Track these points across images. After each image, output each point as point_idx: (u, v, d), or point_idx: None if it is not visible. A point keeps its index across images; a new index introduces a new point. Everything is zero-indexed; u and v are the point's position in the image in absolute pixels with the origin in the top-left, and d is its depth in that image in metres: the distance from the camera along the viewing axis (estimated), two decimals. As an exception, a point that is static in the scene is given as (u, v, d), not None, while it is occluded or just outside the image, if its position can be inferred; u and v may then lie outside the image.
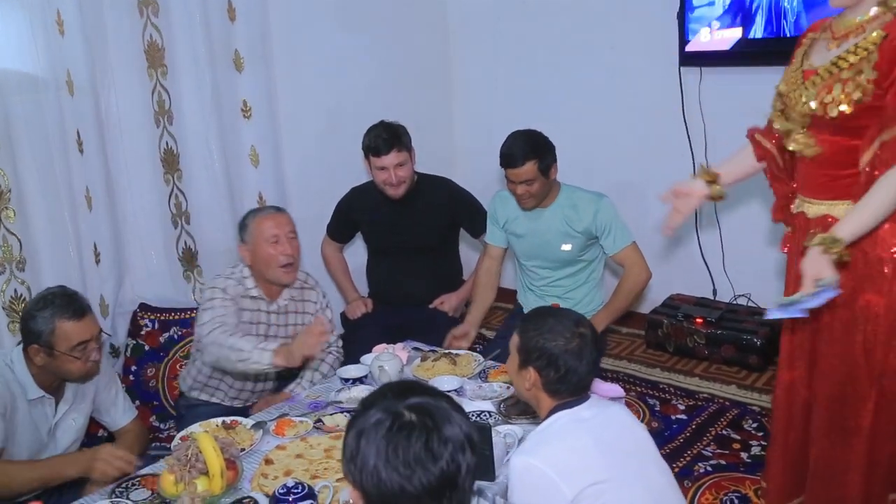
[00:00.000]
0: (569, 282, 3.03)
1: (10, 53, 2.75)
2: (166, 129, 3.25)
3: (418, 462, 1.20)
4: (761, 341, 3.45)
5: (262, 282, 2.67)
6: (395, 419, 1.23)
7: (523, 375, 1.82)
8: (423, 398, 1.28)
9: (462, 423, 1.27)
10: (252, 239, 2.62)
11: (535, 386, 1.80)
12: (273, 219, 2.63)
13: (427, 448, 1.21)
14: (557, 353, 1.76)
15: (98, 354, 2.27)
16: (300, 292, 2.78)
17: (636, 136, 3.94)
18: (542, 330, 1.80)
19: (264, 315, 2.69)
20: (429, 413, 1.25)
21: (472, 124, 4.55)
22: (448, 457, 1.22)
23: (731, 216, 3.73)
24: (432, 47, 4.43)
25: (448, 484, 1.22)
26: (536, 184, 2.84)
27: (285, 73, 3.62)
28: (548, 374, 1.78)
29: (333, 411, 2.41)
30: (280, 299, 2.71)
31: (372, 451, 1.22)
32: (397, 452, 1.20)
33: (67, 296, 2.26)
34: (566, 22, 4.05)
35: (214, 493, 1.86)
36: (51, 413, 2.31)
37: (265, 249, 2.60)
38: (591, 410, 1.78)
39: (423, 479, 1.20)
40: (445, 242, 3.38)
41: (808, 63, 1.98)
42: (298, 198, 3.77)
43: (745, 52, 3.42)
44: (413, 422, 1.23)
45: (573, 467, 1.64)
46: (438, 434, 1.22)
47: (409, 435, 1.21)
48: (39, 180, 2.88)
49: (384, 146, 3.07)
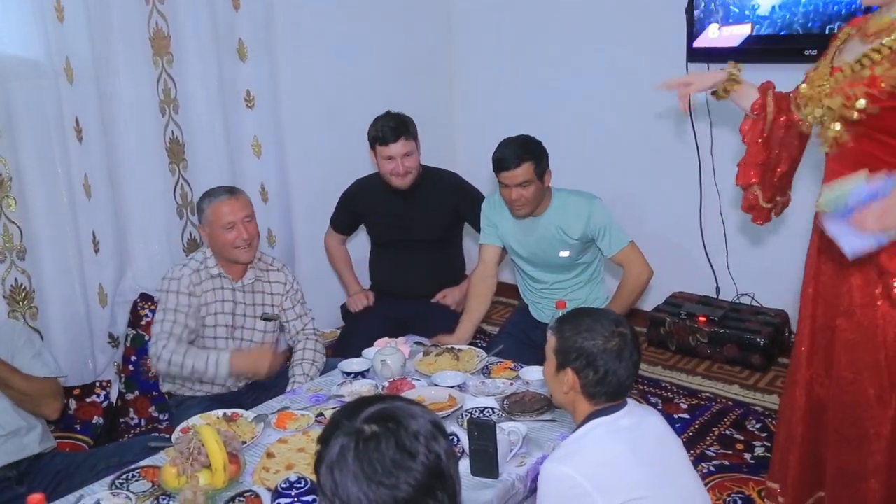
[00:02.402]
0: (569, 284, 2.99)
1: (9, 39, 2.72)
2: (172, 118, 3.22)
3: (398, 466, 1.17)
4: (765, 341, 3.43)
5: (223, 261, 2.66)
6: (358, 437, 1.19)
7: (561, 379, 1.76)
8: (376, 407, 1.24)
9: (424, 414, 1.25)
10: (209, 223, 2.61)
11: (573, 389, 1.74)
12: (228, 204, 2.59)
13: (400, 449, 1.18)
14: (596, 352, 1.70)
15: None
16: (265, 273, 2.76)
17: (640, 132, 3.92)
18: (580, 329, 1.73)
19: (229, 293, 2.67)
20: (388, 417, 1.22)
21: (473, 118, 4.52)
22: (424, 449, 1.19)
23: (736, 214, 3.70)
24: (435, 40, 4.41)
25: (434, 475, 1.19)
26: (532, 187, 2.76)
27: (288, 62, 3.60)
28: (586, 376, 1.71)
29: (335, 405, 2.39)
30: (245, 278, 2.70)
31: (349, 479, 1.17)
32: (374, 466, 1.17)
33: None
34: (571, 16, 4.02)
35: (217, 487, 1.84)
36: None
37: (222, 235, 2.58)
38: (629, 419, 1.72)
39: (410, 479, 1.17)
40: (449, 236, 3.36)
41: (839, 59, 1.95)
42: (300, 188, 3.76)
43: (755, 48, 3.39)
44: (376, 431, 1.19)
45: (610, 480, 1.59)
46: (406, 431, 1.20)
47: (377, 445, 1.18)
48: (39, 168, 2.85)
49: (391, 135, 3.05)
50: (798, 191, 3.28)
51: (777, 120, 2.09)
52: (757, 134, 2.14)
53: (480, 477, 1.93)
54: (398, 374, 2.52)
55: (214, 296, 2.65)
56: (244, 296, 2.70)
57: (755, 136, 2.14)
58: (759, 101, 2.13)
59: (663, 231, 3.87)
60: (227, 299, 2.67)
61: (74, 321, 3.02)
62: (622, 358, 1.71)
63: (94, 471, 2.28)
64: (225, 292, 2.67)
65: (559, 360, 1.76)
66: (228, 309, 2.67)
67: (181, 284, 2.58)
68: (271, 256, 2.85)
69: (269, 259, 2.81)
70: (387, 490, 1.16)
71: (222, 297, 2.66)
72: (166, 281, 2.61)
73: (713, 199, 3.74)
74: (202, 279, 2.63)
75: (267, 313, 2.74)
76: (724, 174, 3.65)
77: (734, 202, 3.67)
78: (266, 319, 2.74)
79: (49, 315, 2.96)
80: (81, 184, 2.98)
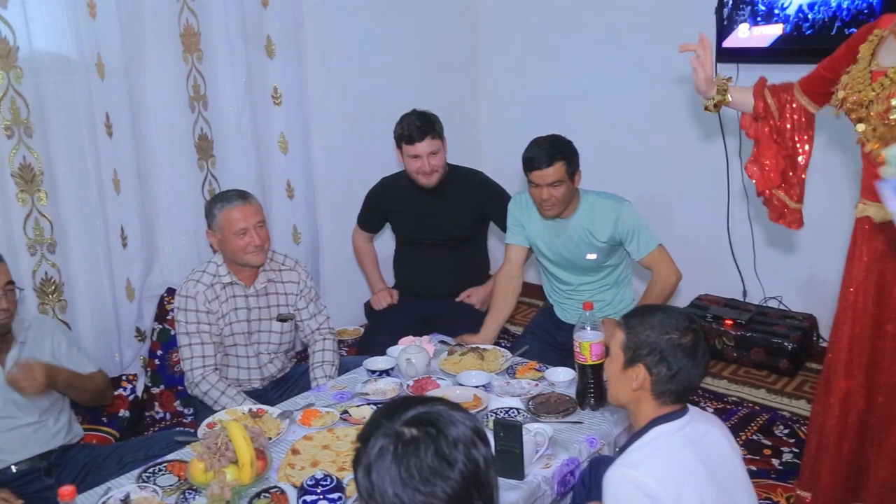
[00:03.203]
0: (596, 285, 2.96)
1: (42, 35, 2.75)
2: (201, 114, 3.24)
3: (435, 473, 1.16)
4: (793, 346, 3.39)
5: (235, 266, 2.63)
6: (398, 440, 1.18)
7: (629, 376, 1.68)
8: (417, 410, 1.23)
9: (465, 420, 1.23)
10: (220, 229, 2.57)
11: (642, 387, 1.68)
12: (241, 210, 2.54)
13: (439, 456, 1.17)
14: (670, 348, 1.64)
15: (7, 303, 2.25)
16: (278, 273, 2.73)
17: (669, 134, 3.88)
18: (652, 323, 1.66)
19: (242, 300, 2.65)
20: (428, 422, 1.21)
21: (499, 117, 4.51)
22: (463, 458, 1.18)
23: (764, 215, 3.66)
24: (462, 38, 4.40)
25: (472, 483, 1.18)
26: (563, 187, 2.72)
27: (316, 60, 3.61)
28: (658, 373, 1.65)
29: (359, 403, 2.39)
30: (257, 283, 2.67)
31: (386, 482, 1.17)
32: (411, 472, 1.16)
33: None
34: (599, 15, 4.00)
35: (243, 483, 1.85)
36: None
37: (234, 241, 2.55)
38: (692, 428, 1.66)
39: (447, 488, 1.16)
40: (474, 235, 3.35)
41: (875, 63, 1.91)
42: (326, 185, 3.77)
43: (786, 48, 3.35)
44: (416, 436, 1.18)
45: (684, 491, 1.53)
46: (445, 438, 1.18)
47: (416, 450, 1.17)
48: (69, 163, 2.88)
49: (418, 133, 3.04)
50: (831, 195, 3.26)
51: (783, 114, 2.07)
52: (769, 134, 2.11)
53: (506, 478, 1.92)
54: (423, 373, 2.51)
55: (229, 305, 2.64)
56: (258, 300, 2.68)
57: (769, 138, 2.11)
58: (760, 104, 2.11)
59: (690, 232, 3.83)
60: (241, 307, 2.65)
61: (102, 315, 3.05)
62: (696, 355, 1.65)
63: (121, 464, 2.31)
64: (238, 300, 2.65)
65: (628, 355, 1.68)
66: (243, 316, 2.66)
67: (198, 303, 2.57)
68: (283, 255, 2.79)
69: (280, 258, 2.76)
70: (423, 497, 1.16)
71: (236, 304, 2.65)
72: (182, 299, 2.59)
73: (741, 200, 3.71)
74: (217, 293, 2.61)
75: (283, 314, 2.73)
76: (753, 176, 3.61)
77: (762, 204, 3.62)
78: (282, 320, 2.73)
79: (77, 308, 2.99)
80: (111, 178, 3.01)
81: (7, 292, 2.25)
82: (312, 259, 3.75)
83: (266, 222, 2.65)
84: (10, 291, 2.26)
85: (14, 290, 2.27)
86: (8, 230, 2.76)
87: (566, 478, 2.02)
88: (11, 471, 2.30)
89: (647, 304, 1.83)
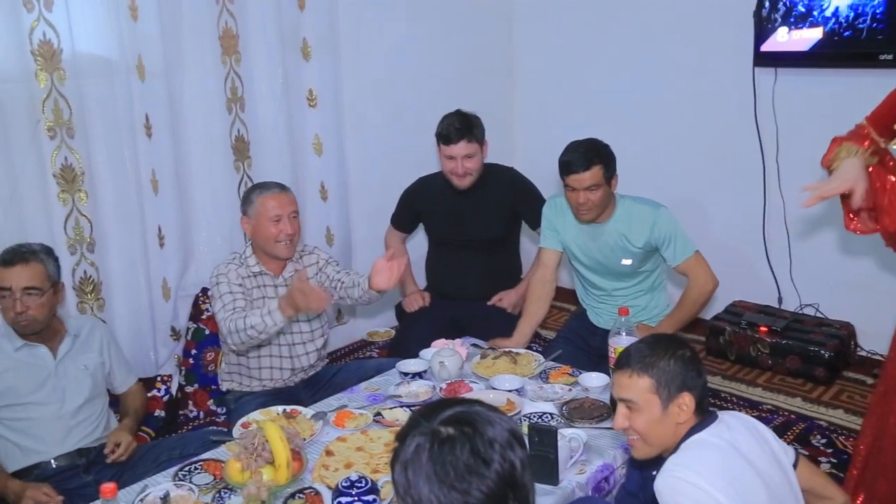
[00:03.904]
0: (631, 291, 2.93)
1: (85, 37, 2.79)
2: (238, 116, 3.26)
3: (471, 472, 1.16)
4: (829, 354, 3.34)
5: (264, 256, 2.70)
6: (434, 438, 1.19)
7: (673, 413, 1.64)
8: (454, 409, 1.24)
9: (503, 421, 1.23)
10: (255, 214, 2.65)
11: (688, 415, 1.64)
12: (277, 198, 2.64)
13: (475, 455, 1.17)
14: (689, 362, 1.66)
15: (23, 306, 2.29)
16: (300, 262, 2.81)
17: (704, 138, 3.85)
18: (659, 353, 1.66)
19: (272, 290, 2.71)
20: (465, 421, 1.21)
21: (533, 119, 4.50)
22: (499, 458, 1.18)
23: (801, 220, 3.62)
24: (496, 40, 4.40)
25: (508, 484, 1.18)
26: (600, 191, 2.70)
27: (350, 62, 3.63)
28: (697, 388, 1.65)
29: (393, 405, 2.39)
30: (285, 272, 2.74)
31: (422, 479, 1.17)
32: (447, 470, 1.16)
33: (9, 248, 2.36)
34: (634, 17, 3.97)
35: (280, 484, 1.86)
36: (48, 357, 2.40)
37: (267, 227, 2.63)
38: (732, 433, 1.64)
39: (482, 487, 1.16)
40: (507, 236, 3.34)
41: None
42: (360, 187, 3.79)
43: (826, 52, 3.30)
44: (452, 435, 1.19)
45: (744, 498, 1.52)
46: (482, 438, 1.19)
47: (452, 448, 1.17)
48: (109, 163, 2.93)
49: (455, 135, 3.05)
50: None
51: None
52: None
53: (540, 483, 1.91)
54: (456, 376, 2.51)
55: (259, 292, 2.70)
56: (287, 289, 2.70)
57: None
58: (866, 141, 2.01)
59: (724, 238, 3.79)
60: (271, 296, 2.70)
61: (138, 313, 3.10)
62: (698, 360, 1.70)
63: (157, 462, 2.34)
64: (267, 289, 2.71)
65: (664, 393, 1.64)
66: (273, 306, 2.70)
67: (229, 278, 2.65)
68: (302, 244, 2.86)
69: (299, 247, 2.83)
70: (458, 495, 1.16)
71: (266, 294, 2.70)
72: (215, 277, 2.67)
73: (777, 206, 3.66)
74: (246, 275, 2.69)
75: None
76: (790, 181, 3.57)
77: (799, 210, 3.58)
78: None
79: (114, 307, 3.04)
80: (149, 179, 3.05)
81: (25, 296, 2.29)
82: (345, 260, 3.76)
83: (298, 216, 2.70)
84: (29, 295, 2.30)
85: (38, 294, 2.30)
86: (49, 230, 2.81)
87: (601, 484, 2.01)
88: (52, 466, 2.34)
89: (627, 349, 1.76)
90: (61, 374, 2.40)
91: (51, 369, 2.39)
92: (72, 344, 2.45)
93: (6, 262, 2.30)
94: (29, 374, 2.36)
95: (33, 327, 2.34)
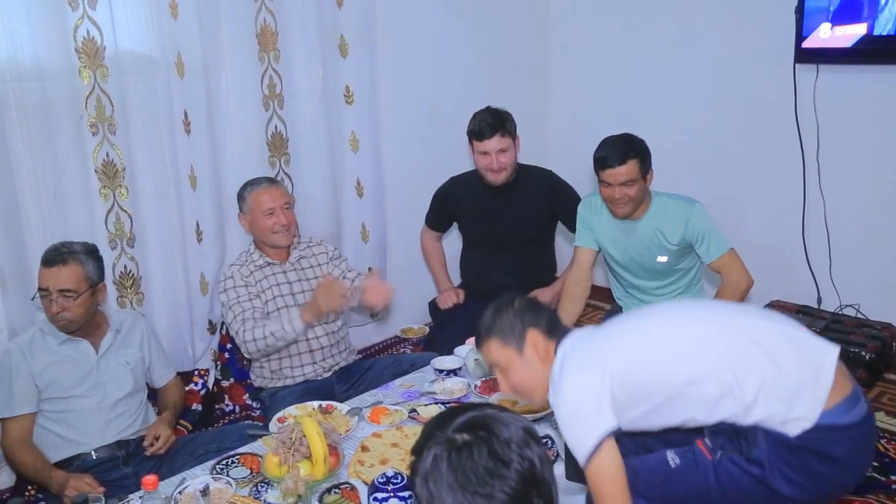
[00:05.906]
0: (667, 289, 2.91)
1: (127, 35, 2.83)
2: (276, 112, 3.29)
3: (492, 475, 1.17)
4: (870, 355, 3.27)
5: (267, 248, 2.84)
6: (451, 446, 1.20)
7: (529, 352, 1.78)
8: (467, 415, 1.25)
9: (516, 420, 1.24)
10: (250, 210, 2.79)
11: (543, 344, 1.78)
12: (268, 192, 2.78)
13: (493, 457, 1.18)
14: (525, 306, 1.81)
15: (59, 307, 2.33)
16: (308, 249, 2.95)
17: (743, 136, 3.80)
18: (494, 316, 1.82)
19: (281, 275, 2.84)
20: (479, 426, 1.22)
21: (568, 116, 4.48)
22: (517, 457, 1.19)
23: (841, 219, 3.55)
24: (532, 37, 4.38)
25: (529, 482, 1.19)
26: (635, 186, 2.68)
27: (387, 59, 3.63)
28: (539, 321, 1.79)
29: (428, 402, 2.40)
30: (291, 258, 2.88)
31: (444, 489, 1.18)
32: (468, 475, 1.17)
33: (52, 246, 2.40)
34: (671, 13, 3.93)
35: (317, 478, 1.88)
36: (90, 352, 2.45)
37: (262, 221, 2.77)
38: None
39: (505, 488, 1.17)
40: (542, 236, 3.33)
41: None
42: (395, 185, 3.79)
43: (869, 49, 3.24)
44: (468, 440, 1.20)
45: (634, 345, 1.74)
46: (498, 440, 1.19)
47: (470, 454, 1.18)
48: (149, 159, 2.96)
49: (488, 130, 3.04)
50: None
51: None
52: None
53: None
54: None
55: (268, 282, 2.81)
56: (295, 273, 2.86)
57: None
58: None
59: (763, 236, 3.74)
60: (281, 282, 2.82)
61: (176, 308, 3.13)
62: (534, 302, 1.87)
63: (194, 455, 2.38)
64: (277, 276, 2.83)
65: (514, 341, 1.78)
66: (286, 290, 2.82)
67: (235, 281, 2.76)
68: (309, 236, 3.05)
69: (307, 238, 3.00)
70: (482, 499, 1.16)
71: (275, 281, 2.82)
72: (221, 283, 2.80)
73: (817, 204, 3.60)
74: (251, 271, 2.80)
75: None
76: (830, 179, 3.51)
77: (840, 208, 3.52)
78: None
79: (153, 301, 3.07)
80: (188, 175, 3.08)
81: (62, 298, 2.33)
82: (380, 257, 3.78)
83: (292, 207, 2.85)
84: (65, 297, 2.33)
85: (73, 297, 2.34)
86: (91, 225, 2.85)
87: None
88: (92, 457, 2.39)
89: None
90: (103, 368, 2.45)
91: (93, 364, 2.44)
92: (114, 338, 2.51)
93: (46, 262, 2.34)
94: (72, 369, 2.41)
95: (70, 327, 2.39)
